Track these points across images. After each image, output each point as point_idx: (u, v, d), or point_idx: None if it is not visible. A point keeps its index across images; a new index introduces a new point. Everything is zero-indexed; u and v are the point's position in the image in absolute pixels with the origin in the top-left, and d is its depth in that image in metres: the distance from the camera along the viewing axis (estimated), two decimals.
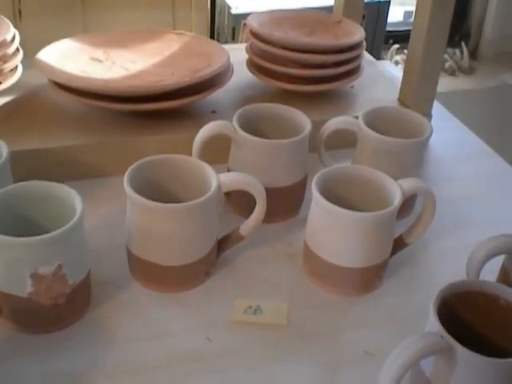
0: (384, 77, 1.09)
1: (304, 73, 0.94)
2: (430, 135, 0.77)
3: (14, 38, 0.90)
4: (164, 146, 0.85)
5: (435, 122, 0.93)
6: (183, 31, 1.05)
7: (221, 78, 0.91)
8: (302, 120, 0.77)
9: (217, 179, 0.66)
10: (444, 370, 0.50)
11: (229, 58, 0.92)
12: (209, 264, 0.69)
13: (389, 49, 2.17)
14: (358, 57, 0.98)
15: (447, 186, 0.88)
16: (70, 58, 0.92)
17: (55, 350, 0.60)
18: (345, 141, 0.84)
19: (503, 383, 0.49)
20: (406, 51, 2.08)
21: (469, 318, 0.55)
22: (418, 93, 0.95)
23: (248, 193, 0.68)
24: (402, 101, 0.98)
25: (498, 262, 0.66)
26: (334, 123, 0.79)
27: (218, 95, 0.92)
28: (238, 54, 1.00)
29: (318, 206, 0.67)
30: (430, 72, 0.94)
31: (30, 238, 0.56)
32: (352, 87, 1.02)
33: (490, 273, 0.65)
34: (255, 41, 0.96)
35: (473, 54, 2.23)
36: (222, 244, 0.71)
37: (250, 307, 0.66)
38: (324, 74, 0.95)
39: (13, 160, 0.70)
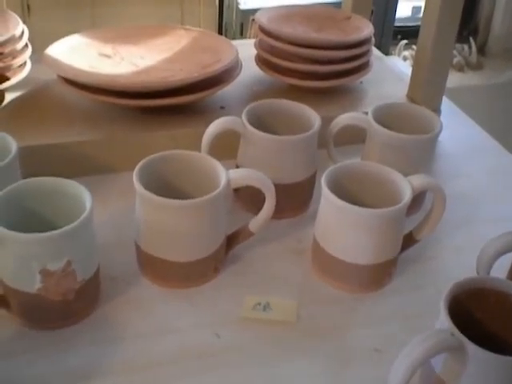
0: (393, 72, 1.08)
1: (313, 68, 0.94)
2: (440, 131, 0.77)
3: (22, 33, 0.90)
4: (173, 141, 0.84)
5: (444, 117, 0.92)
6: (192, 27, 1.05)
7: (229, 73, 0.91)
8: (311, 116, 0.77)
9: (226, 175, 0.65)
10: (455, 367, 0.50)
11: (237, 53, 0.92)
12: (218, 260, 0.69)
13: (397, 44, 2.16)
14: (366, 52, 0.97)
15: (456, 182, 0.88)
16: (79, 53, 0.92)
17: (64, 346, 0.60)
18: (354, 137, 0.83)
19: None
20: (414, 47, 2.07)
21: (480, 315, 0.55)
22: (427, 88, 0.95)
23: (257, 189, 0.68)
24: (410, 96, 0.98)
25: (509, 258, 0.65)
26: (344, 119, 0.79)
27: (226, 91, 0.92)
28: (246, 49, 1.00)
29: (327, 202, 0.66)
30: (439, 68, 0.94)
31: (39, 234, 0.56)
32: (361, 83, 1.02)
33: (501, 269, 0.64)
34: (264, 36, 0.96)
35: (481, 50, 2.22)
36: (231, 240, 0.70)
37: (259, 304, 0.66)
38: (333, 69, 0.94)
39: (22, 156, 0.70)
